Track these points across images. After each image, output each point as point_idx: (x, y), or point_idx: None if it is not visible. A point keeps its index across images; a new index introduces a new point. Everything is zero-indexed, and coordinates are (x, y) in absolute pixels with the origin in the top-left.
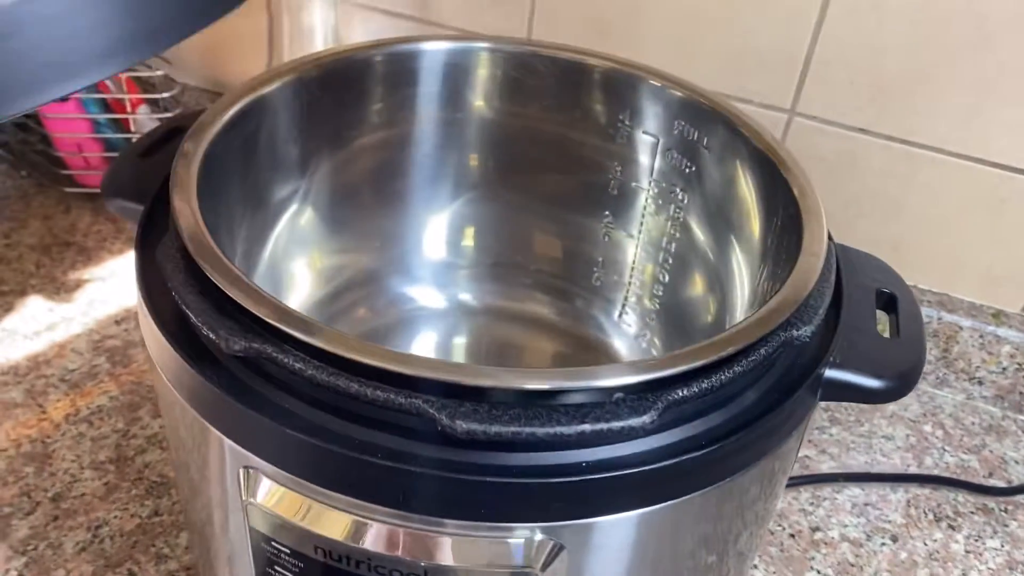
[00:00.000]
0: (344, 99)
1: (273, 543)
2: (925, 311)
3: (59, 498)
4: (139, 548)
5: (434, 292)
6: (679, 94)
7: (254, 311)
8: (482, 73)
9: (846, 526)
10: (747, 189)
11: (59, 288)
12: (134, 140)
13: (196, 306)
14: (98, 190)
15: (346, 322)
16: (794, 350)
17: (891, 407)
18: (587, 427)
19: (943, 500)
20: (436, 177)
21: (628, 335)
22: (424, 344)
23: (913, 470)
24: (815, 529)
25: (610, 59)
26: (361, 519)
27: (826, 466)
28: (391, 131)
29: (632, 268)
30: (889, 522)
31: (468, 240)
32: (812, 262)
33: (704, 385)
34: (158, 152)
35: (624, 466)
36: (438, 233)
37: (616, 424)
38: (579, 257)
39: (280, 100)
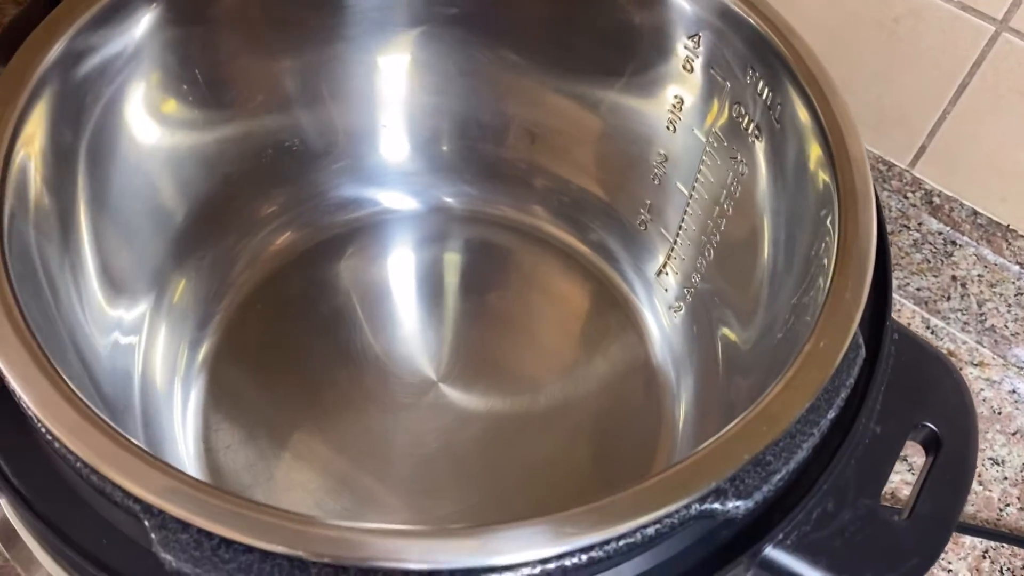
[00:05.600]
0: None
1: None
2: None
3: None
4: None
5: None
6: (763, 31)
7: None
8: None
9: None
10: (806, 206)
11: None
12: None
13: None
14: None
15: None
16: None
17: (1022, 419)
18: None
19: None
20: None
21: (658, 304)
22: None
23: (1012, 511)
24: None
25: None
26: None
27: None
28: None
29: (680, 229)
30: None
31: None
32: (794, 398)
33: (550, 568)
34: None
35: None
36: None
37: None
38: (624, 190)
39: None
